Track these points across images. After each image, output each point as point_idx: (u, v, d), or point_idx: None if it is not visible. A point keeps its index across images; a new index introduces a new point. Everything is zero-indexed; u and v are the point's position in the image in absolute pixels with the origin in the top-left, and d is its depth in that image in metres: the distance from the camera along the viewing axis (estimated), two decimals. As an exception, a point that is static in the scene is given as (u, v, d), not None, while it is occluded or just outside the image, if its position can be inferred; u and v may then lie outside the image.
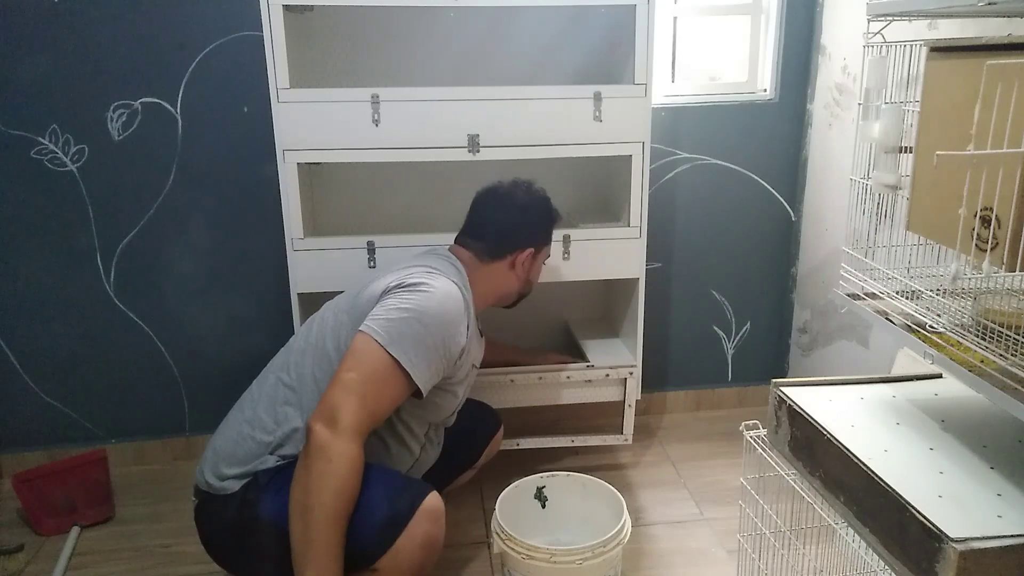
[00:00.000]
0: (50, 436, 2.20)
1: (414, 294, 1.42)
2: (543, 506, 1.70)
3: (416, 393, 1.42)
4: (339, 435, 1.29)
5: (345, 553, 1.30)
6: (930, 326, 1.14)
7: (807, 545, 1.44)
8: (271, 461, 1.42)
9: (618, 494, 1.61)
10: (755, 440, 1.42)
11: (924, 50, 1.14)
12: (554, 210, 1.72)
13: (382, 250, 1.84)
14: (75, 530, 1.93)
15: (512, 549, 1.46)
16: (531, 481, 1.69)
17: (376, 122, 1.75)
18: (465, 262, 1.62)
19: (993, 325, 1.05)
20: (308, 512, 1.27)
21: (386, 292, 1.44)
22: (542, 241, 1.71)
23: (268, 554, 1.36)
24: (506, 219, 1.66)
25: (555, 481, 1.70)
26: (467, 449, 1.86)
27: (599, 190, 2.20)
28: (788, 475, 1.35)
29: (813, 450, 1.24)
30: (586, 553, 1.44)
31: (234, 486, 1.41)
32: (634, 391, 2.02)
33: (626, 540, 1.51)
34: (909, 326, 1.17)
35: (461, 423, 1.72)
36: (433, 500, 1.39)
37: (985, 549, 0.93)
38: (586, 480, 1.69)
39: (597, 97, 1.79)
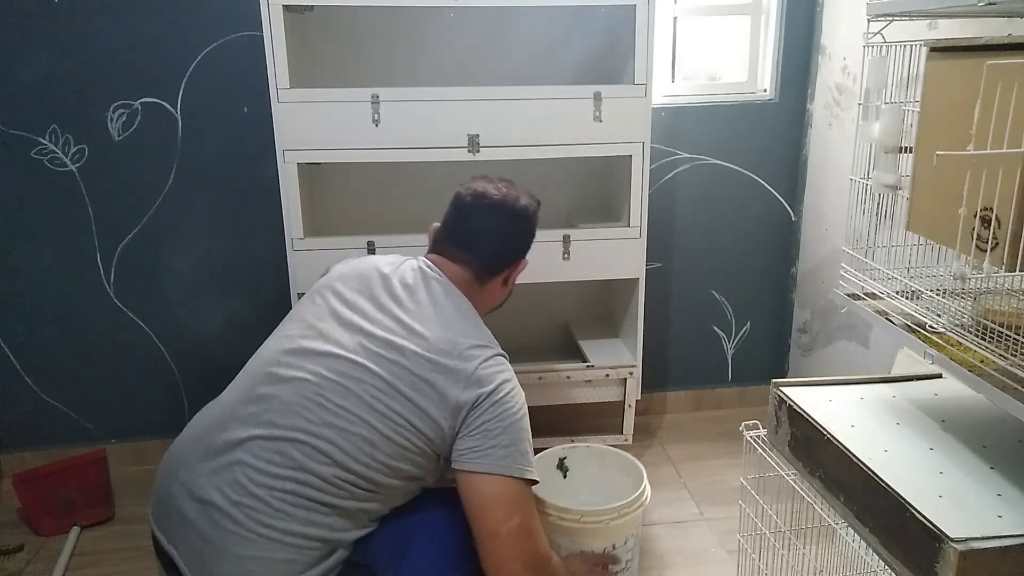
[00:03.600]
0: (50, 436, 2.20)
1: (506, 405, 1.30)
2: (564, 476, 1.77)
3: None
4: (544, 568, 1.29)
5: None
6: (930, 326, 1.14)
7: (807, 545, 1.44)
8: None
9: (638, 463, 1.67)
10: (755, 440, 1.42)
11: (924, 50, 1.14)
12: None
13: (382, 250, 1.84)
14: (75, 530, 1.93)
15: (543, 512, 1.52)
16: (553, 452, 1.76)
17: (376, 122, 1.75)
18: (462, 285, 1.42)
19: (993, 325, 1.05)
20: None
21: (474, 408, 1.28)
22: (529, 248, 1.57)
23: None
24: (505, 232, 1.48)
25: (576, 452, 1.77)
26: None
27: (599, 190, 2.20)
28: (788, 475, 1.35)
29: (813, 450, 1.24)
30: (612, 514, 1.52)
31: None
32: (634, 391, 2.02)
33: (647, 503, 1.59)
34: (909, 326, 1.17)
35: None
36: None
37: (985, 549, 0.93)
38: (605, 451, 1.77)
39: (597, 97, 1.79)
